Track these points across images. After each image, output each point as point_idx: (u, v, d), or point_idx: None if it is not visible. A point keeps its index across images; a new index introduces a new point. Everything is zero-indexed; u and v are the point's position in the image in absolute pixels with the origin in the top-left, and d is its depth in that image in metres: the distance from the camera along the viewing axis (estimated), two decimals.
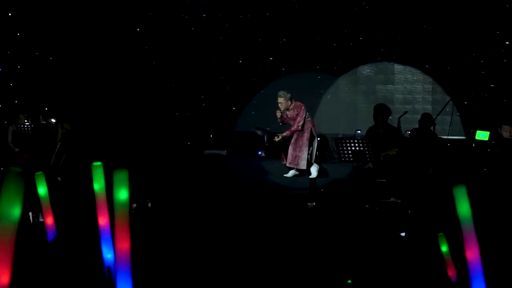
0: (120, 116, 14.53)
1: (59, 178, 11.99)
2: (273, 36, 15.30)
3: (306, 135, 12.35)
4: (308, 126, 12.39)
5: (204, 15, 15.27)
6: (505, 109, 12.24)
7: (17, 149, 12.92)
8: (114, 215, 3.44)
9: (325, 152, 14.52)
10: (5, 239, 2.29)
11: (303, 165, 12.38)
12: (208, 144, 15.15)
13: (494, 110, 12.84)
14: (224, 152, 14.81)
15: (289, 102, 12.32)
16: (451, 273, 3.93)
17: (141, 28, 15.20)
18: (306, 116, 12.38)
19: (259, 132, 14.91)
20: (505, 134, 10.34)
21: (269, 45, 15.36)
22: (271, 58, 15.35)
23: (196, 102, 15.56)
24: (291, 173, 12.67)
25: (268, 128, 14.86)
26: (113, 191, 3.31)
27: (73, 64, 14.68)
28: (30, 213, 7.31)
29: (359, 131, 13.18)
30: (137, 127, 14.61)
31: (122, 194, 3.33)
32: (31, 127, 12.87)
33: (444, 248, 3.90)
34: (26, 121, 13.03)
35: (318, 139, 14.88)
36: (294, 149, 12.32)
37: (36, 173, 4.43)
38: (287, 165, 12.47)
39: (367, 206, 8.73)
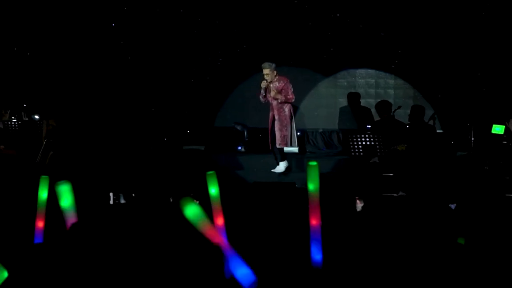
0: (98, 112, 14.36)
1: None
2: (253, 32, 15.27)
3: (288, 113, 12.26)
4: (290, 104, 12.32)
5: (181, 11, 15.13)
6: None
7: (2, 146, 12.65)
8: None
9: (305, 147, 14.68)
10: None
11: (294, 142, 12.41)
12: (186, 139, 15.06)
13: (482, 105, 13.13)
14: (202, 148, 14.74)
15: (274, 73, 12.21)
16: None
17: (116, 23, 14.99)
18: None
19: (238, 127, 14.89)
20: None
21: (248, 40, 15.32)
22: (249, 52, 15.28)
23: (173, 97, 15.41)
24: (279, 168, 12.61)
25: (247, 123, 14.90)
26: None
27: (52, 60, 14.42)
28: (111, 194, 7.22)
29: (368, 126, 13.27)
30: (113, 123, 14.46)
31: None
32: (18, 123, 12.64)
33: None
34: (12, 117, 12.80)
35: (298, 133, 15.01)
36: (280, 130, 12.21)
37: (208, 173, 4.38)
38: (278, 146, 12.33)
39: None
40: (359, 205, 8.48)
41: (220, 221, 4.42)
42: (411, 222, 7.58)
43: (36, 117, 13.19)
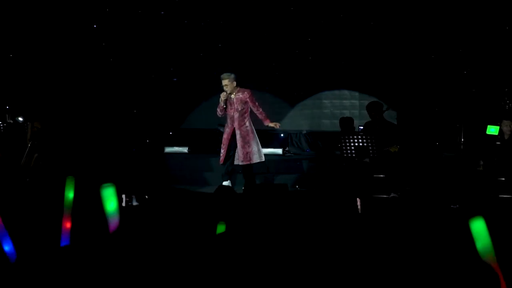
0: (83, 113, 14.25)
1: (27, 179, 11.67)
2: (237, 33, 15.27)
3: (249, 127, 11.63)
4: (250, 117, 11.71)
5: (162, 13, 15.07)
6: (504, 105, 12.59)
7: None
8: None
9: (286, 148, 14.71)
10: None
11: (256, 158, 11.68)
12: (169, 141, 15.02)
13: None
14: (186, 150, 14.72)
15: (234, 84, 11.50)
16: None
17: (98, 24, 14.88)
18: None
19: (221, 129, 14.78)
20: (505, 129, 10.76)
21: (234, 42, 15.30)
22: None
23: (156, 99, 15.35)
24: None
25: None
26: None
27: (36, 61, 14.28)
28: (124, 196, 7.12)
29: (361, 127, 13.25)
30: (97, 124, 14.36)
31: None
32: (3, 126, 12.51)
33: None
34: None
35: (282, 135, 15.02)
36: (243, 147, 11.60)
37: None
38: (240, 163, 11.66)
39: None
40: (359, 206, 8.49)
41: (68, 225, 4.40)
42: (407, 223, 7.61)
43: (20, 119, 13.03)
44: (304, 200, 10.02)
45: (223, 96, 11.55)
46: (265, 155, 14.10)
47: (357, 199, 8.25)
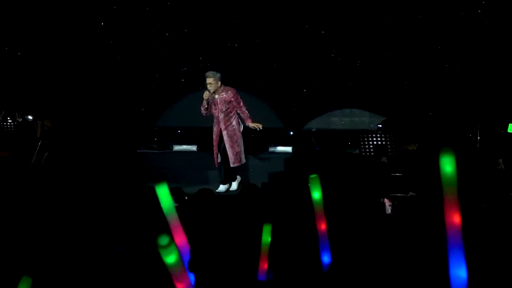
0: (92, 112, 14.17)
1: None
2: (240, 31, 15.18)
3: (236, 126, 11.56)
4: (236, 116, 11.61)
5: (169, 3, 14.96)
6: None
7: None
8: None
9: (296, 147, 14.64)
10: None
11: (243, 159, 11.72)
12: (178, 140, 14.95)
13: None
14: (194, 148, 14.66)
15: (219, 83, 11.35)
16: None
17: (106, 22, 14.78)
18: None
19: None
20: None
21: (239, 41, 15.19)
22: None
23: (164, 97, 15.27)
24: (223, 188, 11.86)
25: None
26: None
27: (46, 60, 14.17)
28: None
29: (379, 125, 13.15)
30: (106, 123, 14.29)
31: None
32: (13, 124, 12.42)
33: None
34: (8, 118, 12.57)
35: (291, 133, 14.93)
36: (232, 147, 11.47)
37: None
38: (232, 165, 11.55)
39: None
40: (388, 206, 8.39)
41: (323, 226, 4.28)
42: (428, 222, 7.51)
43: (30, 117, 12.97)
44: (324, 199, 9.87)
45: (205, 95, 11.39)
46: (275, 153, 14.19)
47: (385, 199, 8.16)
